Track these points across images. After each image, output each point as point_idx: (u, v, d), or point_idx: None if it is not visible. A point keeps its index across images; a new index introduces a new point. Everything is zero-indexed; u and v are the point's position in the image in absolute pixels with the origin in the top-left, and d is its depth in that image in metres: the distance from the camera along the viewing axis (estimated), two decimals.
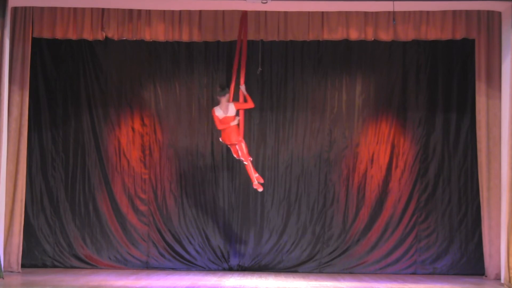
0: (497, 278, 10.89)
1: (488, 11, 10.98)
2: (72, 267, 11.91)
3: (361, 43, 11.77)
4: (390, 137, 12.16)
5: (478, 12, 11.00)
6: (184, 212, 12.16)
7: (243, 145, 10.58)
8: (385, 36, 11.10)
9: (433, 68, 12.15)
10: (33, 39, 11.14)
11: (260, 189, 10.69)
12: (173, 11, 11.12)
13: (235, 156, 10.72)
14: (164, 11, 11.11)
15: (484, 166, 10.95)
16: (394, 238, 11.98)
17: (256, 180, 10.64)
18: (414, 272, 11.87)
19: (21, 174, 10.96)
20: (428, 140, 12.13)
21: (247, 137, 11.84)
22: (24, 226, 11.10)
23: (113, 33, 11.15)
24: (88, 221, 12.11)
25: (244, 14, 10.84)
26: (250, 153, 12.09)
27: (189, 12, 11.14)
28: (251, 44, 11.78)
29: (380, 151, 12.15)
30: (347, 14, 11.09)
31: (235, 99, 10.66)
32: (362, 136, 12.20)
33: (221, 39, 11.29)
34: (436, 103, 12.13)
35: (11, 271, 10.88)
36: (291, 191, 12.17)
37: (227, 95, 10.59)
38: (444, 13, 11.01)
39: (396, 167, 12.12)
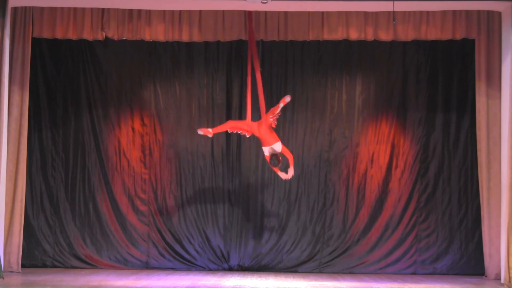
0: (497, 278, 10.89)
1: (488, 11, 10.98)
2: (72, 267, 11.90)
3: (361, 43, 11.76)
4: (390, 137, 12.15)
5: (478, 12, 11.00)
6: (184, 212, 12.15)
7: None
8: (385, 36, 11.11)
9: (433, 68, 12.14)
10: (33, 39, 11.14)
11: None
12: (173, 11, 11.12)
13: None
14: (164, 11, 11.11)
15: (484, 166, 10.95)
16: (394, 238, 11.98)
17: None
18: (414, 272, 11.86)
19: (21, 174, 10.96)
20: (428, 140, 12.12)
21: (247, 137, 11.83)
22: (24, 226, 11.10)
23: (113, 33, 11.15)
24: (88, 221, 12.10)
25: (249, 15, 10.81)
26: (250, 153, 12.15)
27: (189, 12, 11.14)
28: None
29: (380, 151, 12.14)
30: (347, 14, 11.09)
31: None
32: (362, 136, 12.19)
33: (221, 39, 11.29)
34: (436, 103, 12.12)
35: (11, 271, 10.88)
36: (291, 191, 12.16)
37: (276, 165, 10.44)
38: (444, 13, 11.02)
39: (396, 167, 12.11)
